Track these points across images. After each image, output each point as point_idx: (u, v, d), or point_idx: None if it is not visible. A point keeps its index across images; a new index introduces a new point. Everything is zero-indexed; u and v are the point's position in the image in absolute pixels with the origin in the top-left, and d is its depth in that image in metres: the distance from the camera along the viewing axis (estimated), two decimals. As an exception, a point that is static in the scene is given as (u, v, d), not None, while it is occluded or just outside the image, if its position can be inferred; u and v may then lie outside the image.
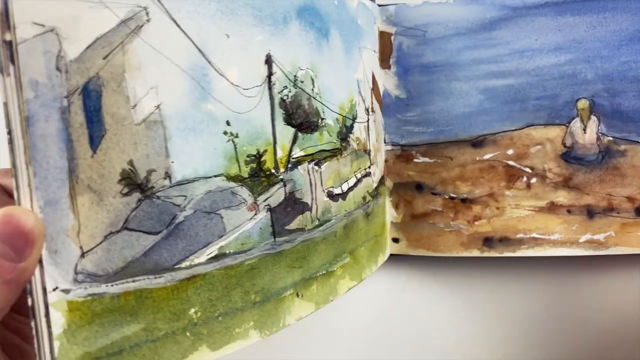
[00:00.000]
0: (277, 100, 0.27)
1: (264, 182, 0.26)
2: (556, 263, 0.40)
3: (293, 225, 0.28)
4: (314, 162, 0.29)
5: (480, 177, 0.39)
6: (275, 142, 0.27)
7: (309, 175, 0.29)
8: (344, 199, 0.32)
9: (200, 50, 0.23)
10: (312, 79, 0.29)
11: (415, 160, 0.40)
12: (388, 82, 0.40)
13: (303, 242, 0.29)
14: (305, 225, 0.29)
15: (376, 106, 0.39)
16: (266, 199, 0.27)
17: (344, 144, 0.32)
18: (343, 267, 0.31)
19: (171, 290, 0.22)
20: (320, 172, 0.30)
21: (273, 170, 0.27)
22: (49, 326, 0.19)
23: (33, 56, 0.19)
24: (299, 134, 0.28)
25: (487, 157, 0.39)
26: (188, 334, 0.23)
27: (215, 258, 0.24)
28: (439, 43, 0.39)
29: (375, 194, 0.37)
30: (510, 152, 0.39)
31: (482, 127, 0.39)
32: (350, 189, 0.33)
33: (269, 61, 0.27)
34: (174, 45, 0.22)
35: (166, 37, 0.22)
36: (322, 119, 0.30)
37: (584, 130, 0.38)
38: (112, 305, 0.21)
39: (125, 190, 0.21)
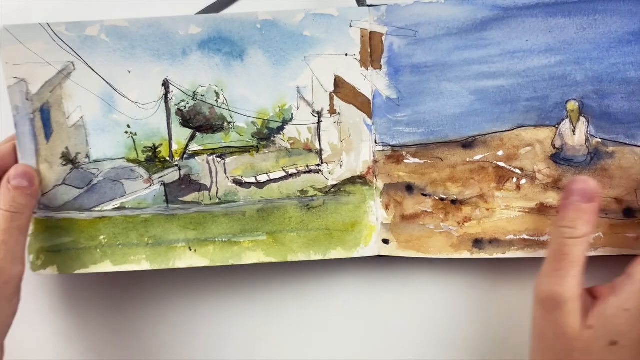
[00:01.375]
0: (173, 110, 0.38)
1: (159, 165, 0.39)
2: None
3: (188, 198, 0.39)
4: (216, 155, 0.39)
5: (470, 178, 0.39)
6: (170, 139, 0.38)
7: (209, 164, 0.39)
8: (259, 187, 0.39)
9: (108, 83, 0.38)
10: (217, 93, 0.38)
11: (405, 161, 0.40)
12: (379, 82, 0.39)
13: (198, 212, 0.39)
14: (202, 201, 0.39)
15: (347, 107, 0.39)
16: (160, 177, 0.39)
17: (263, 143, 0.39)
18: (255, 243, 0.39)
19: (89, 223, 0.39)
20: (224, 163, 0.39)
21: (168, 158, 0.39)
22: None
23: (14, 93, 0.37)
24: (198, 134, 0.38)
25: (477, 158, 0.39)
26: (98, 250, 0.39)
27: (118, 209, 0.39)
28: (429, 43, 0.39)
29: (333, 191, 0.39)
30: (500, 153, 0.39)
31: (472, 128, 0.39)
32: (273, 180, 0.39)
33: (165, 84, 0.38)
34: (90, 81, 0.38)
35: (86, 77, 0.38)
36: (230, 122, 0.38)
37: (573, 131, 0.38)
38: (56, 224, 0.39)
39: (64, 162, 0.38)
